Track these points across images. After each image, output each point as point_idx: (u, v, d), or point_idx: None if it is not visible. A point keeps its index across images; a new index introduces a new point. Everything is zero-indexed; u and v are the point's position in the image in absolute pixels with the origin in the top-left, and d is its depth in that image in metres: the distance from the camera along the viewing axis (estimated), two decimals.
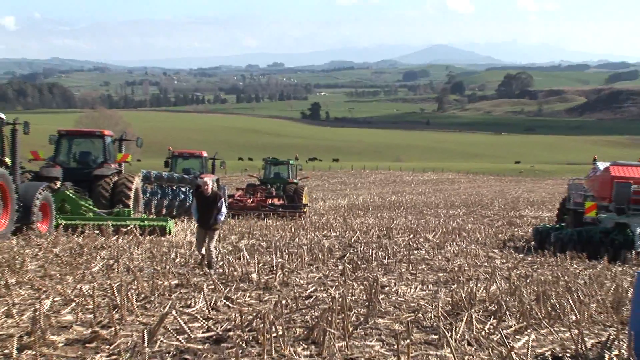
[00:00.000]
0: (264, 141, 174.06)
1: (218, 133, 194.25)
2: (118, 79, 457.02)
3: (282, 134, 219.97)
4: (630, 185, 23.73)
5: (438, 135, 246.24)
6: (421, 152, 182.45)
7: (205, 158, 37.91)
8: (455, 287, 14.85)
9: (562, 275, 17.04)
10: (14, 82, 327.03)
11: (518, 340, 9.94)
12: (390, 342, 9.45)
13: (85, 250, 17.67)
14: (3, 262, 14.93)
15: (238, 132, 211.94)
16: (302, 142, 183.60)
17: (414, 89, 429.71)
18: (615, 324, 11.27)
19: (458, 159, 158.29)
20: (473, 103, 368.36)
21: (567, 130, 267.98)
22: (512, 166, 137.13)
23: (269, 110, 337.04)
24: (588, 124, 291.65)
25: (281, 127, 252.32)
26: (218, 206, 16.40)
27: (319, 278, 15.38)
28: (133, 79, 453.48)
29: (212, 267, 15.66)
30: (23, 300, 11.25)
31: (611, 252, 22.48)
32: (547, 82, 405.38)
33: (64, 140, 28.88)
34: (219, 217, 16.55)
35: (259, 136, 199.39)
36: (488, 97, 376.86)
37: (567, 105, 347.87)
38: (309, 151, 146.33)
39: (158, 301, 11.73)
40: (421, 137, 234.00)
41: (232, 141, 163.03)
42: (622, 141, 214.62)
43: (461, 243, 24.86)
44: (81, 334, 9.25)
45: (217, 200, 16.53)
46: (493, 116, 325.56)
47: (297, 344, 9.14)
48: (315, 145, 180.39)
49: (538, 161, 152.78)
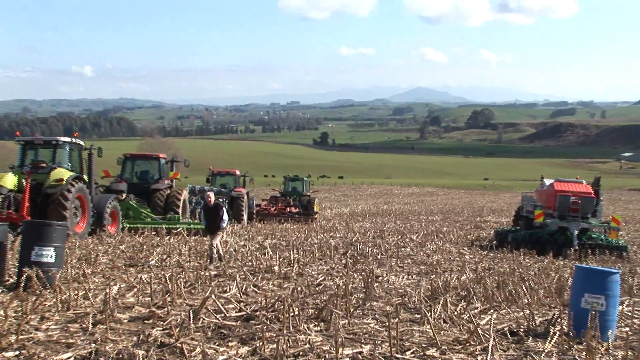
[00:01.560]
0: (283, 162, 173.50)
1: (248, 156, 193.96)
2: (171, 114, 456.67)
3: (298, 156, 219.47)
4: (569, 197, 23.87)
5: (420, 158, 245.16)
6: (407, 171, 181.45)
7: (238, 175, 37.79)
8: (433, 277, 14.84)
9: (517, 268, 17.03)
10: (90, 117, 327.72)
11: (483, 318, 9.94)
12: (383, 320, 9.46)
13: (145, 247, 17.77)
14: (81, 256, 15.05)
15: (263, 155, 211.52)
16: (314, 163, 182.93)
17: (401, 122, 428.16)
18: (558, 306, 11.25)
19: (436, 176, 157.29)
20: (447, 133, 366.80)
21: (520, 154, 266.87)
22: (478, 182, 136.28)
23: (287, 138, 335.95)
24: (536, 149, 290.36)
25: (297, 151, 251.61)
26: (220, 214, 15.92)
27: (326, 270, 15.35)
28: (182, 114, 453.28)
29: (213, 262, 15.26)
30: (96, 286, 11.32)
31: (555, 249, 22.49)
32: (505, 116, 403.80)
33: (129, 161, 29.04)
34: (222, 223, 16.08)
35: (280, 158, 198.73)
36: (459, 128, 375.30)
37: (520, 135, 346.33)
38: (319, 170, 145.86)
39: (200, 287, 11.78)
40: (407, 159, 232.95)
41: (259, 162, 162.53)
42: (563, 163, 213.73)
43: (438, 242, 24.77)
44: (141, 312, 9.33)
45: (219, 209, 16.05)
46: (463, 143, 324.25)
47: (309, 321, 9.16)
48: (324, 165, 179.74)
49: (498, 178, 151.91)
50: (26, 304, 9.07)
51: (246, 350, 7.61)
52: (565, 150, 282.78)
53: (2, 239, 11.05)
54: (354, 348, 7.87)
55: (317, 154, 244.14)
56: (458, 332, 9.15)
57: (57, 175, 20.12)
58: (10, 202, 18.58)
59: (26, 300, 9.29)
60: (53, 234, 11.06)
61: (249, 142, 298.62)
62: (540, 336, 9.09)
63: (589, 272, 9.70)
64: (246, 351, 7.57)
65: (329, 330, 8.68)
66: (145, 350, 7.36)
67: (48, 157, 21.40)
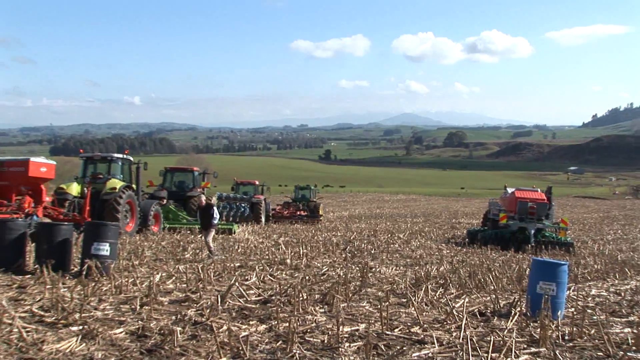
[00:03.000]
0: (294, 174, 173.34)
1: (265, 169, 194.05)
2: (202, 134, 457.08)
3: (306, 169, 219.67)
4: (527, 203, 23.86)
5: (406, 170, 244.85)
6: (395, 181, 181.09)
7: (257, 185, 37.84)
8: (417, 268, 14.81)
9: (485, 260, 17.00)
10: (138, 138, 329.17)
11: (457, 302, 9.94)
12: (376, 304, 9.43)
13: (181, 244, 17.81)
14: (130, 250, 15.06)
15: (278, 168, 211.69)
16: (319, 175, 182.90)
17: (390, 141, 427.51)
18: (518, 291, 11.22)
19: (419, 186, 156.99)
20: (428, 150, 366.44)
21: (487, 167, 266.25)
22: (454, 190, 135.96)
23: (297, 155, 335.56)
24: (501, 164, 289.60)
25: (305, 165, 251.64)
26: (211, 213, 15.47)
27: (329, 262, 15.30)
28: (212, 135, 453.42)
29: (212, 254, 14.86)
30: (142, 274, 11.32)
31: (516, 245, 22.45)
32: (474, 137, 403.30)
33: (168, 173, 29.17)
34: (213, 221, 15.52)
35: (291, 171, 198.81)
36: (438, 147, 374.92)
37: (487, 152, 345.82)
38: (323, 181, 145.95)
39: (226, 276, 11.73)
40: (395, 172, 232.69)
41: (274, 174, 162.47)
42: (522, 175, 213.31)
43: (421, 240, 24.73)
44: (178, 296, 9.32)
45: (210, 209, 15.62)
46: (441, 158, 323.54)
47: (315, 304, 9.15)
48: (328, 177, 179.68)
49: (470, 187, 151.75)
50: (87, 288, 9.10)
51: (264, 327, 7.60)
52: (523, 164, 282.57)
53: (68, 236, 11.09)
54: (352, 326, 7.86)
55: (321, 168, 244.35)
56: (437, 313, 9.13)
57: (111, 184, 20.25)
58: (75, 206, 18.66)
59: (87, 286, 9.31)
60: (108, 232, 11.10)
61: (266, 158, 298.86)
62: (504, 316, 9.08)
63: (543, 263, 9.70)
64: (264, 328, 7.56)
65: (332, 312, 8.67)
66: (182, 327, 7.36)
67: (104, 170, 21.57)
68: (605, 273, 15.92)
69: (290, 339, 6.72)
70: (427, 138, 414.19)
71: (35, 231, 11.27)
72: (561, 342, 7.70)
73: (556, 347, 7.20)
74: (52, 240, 10.89)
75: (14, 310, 7.50)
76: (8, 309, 7.31)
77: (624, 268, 17.02)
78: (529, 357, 6.89)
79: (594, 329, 8.22)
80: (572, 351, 7.31)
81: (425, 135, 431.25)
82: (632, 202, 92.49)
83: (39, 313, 7.67)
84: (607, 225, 42.91)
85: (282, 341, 6.92)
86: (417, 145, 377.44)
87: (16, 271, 10.49)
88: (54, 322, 7.29)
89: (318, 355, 6.54)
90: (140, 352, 6.40)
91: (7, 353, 6.07)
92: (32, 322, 7.27)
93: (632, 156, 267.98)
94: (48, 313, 7.69)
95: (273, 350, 6.60)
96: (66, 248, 10.99)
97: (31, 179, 17.15)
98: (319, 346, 6.89)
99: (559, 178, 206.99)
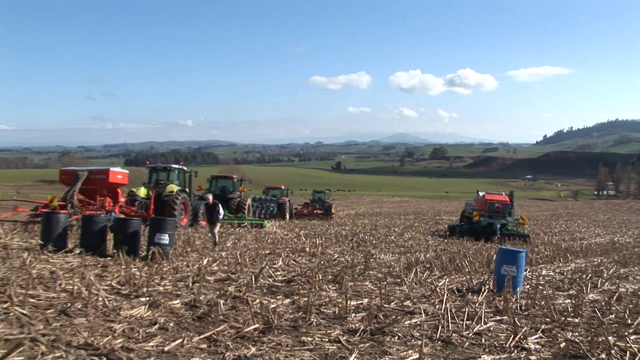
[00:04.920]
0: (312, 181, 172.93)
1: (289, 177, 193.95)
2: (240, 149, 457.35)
3: (321, 177, 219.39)
4: (494, 203, 23.76)
5: (400, 178, 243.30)
6: (392, 187, 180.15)
7: (283, 189, 37.75)
8: (409, 255, 14.79)
9: (461, 249, 16.93)
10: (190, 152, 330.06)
11: (440, 281, 9.88)
12: (376, 283, 9.41)
13: (223, 235, 17.83)
14: (184, 240, 15.10)
15: (299, 176, 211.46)
16: (332, 181, 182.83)
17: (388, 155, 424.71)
18: (487, 273, 11.19)
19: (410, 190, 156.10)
20: (418, 162, 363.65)
21: (464, 176, 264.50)
22: (438, 194, 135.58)
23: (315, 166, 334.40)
24: (474, 173, 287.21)
25: (321, 174, 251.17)
26: (217, 210, 14.32)
27: (340, 250, 15.27)
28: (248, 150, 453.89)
29: (216, 245, 13.94)
30: (193, 259, 11.36)
31: (485, 237, 22.34)
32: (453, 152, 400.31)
33: (214, 180, 29.20)
34: (218, 216, 14.32)
35: (310, 178, 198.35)
36: (425, 159, 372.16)
37: (464, 164, 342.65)
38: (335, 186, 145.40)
39: (259, 260, 11.72)
40: (392, 179, 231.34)
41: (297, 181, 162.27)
42: (490, 182, 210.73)
43: (412, 232, 24.67)
44: (221, 276, 9.30)
45: (216, 206, 14.43)
46: (427, 169, 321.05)
47: (329, 283, 9.12)
48: (339, 183, 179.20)
49: (451, 191, 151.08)
50: (152, 268, 9.16)
51: (288, 301, 7.59)
52: (491, 174, 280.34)
53: (137, 228, 11.16)
54: (357, 300, 7.84)
55: (334, 176, 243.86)
56: (424, 290, 9.09)
57: (170, 188, 20.39)
58: (142, 205, 18.79)
59: (152, 267, 9.38)
60: (168, 226, 11.15)
61: (290, 168, 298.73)
62: (476, 292, 9.04)
63: (506, 251, 9.65)
64: (288, 302, 7.55)
65: (341, 289, 8.63)
66: (224, 300, 7.37)
67: (165, 177, 21.73)
68: (553, 258, 15.96)
69: (308, 310, 6.72)
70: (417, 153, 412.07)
71: (113, 224, 11.35)
72: (519, 311, 7.73)
73: (515, 315, 7.22)
74: (125, 231, 10.96)
75: (99, 284, 7.57)
76: (94, 282, 7.38)
77: (566, 254, 17.20)
78: (494, 323, 6.87)
79: (543, 301, 8.34)
80: (527, 318, 7.35)
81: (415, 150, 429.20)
82: (573, 203, 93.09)
83: (116, 286, 7.74)
84: (554, 220, 42.96)
85: (302, 312, 6.91)
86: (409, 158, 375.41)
87: (100, 254, 10.59)
88: (127, 293, 7.35)
89: (330, 323, 6.53)
90: (192, 318, 6.43)
91: (95, 315, 6.15)
92: (112, 293, 7.34)
93: (573, 167, 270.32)
94: (123, 287, 7.75)
95: (295, 319, 6.60)
96: (136, 237, 11.06)
97: (110, 184, 17.37)
98: (332, 316, 6.88)
99: (518, 184, 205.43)
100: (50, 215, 11.56)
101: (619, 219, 49.07)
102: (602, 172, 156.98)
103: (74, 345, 5.07)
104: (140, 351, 5.11)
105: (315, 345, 5.64)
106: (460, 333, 6.34)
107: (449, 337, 6.14)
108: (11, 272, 8.12)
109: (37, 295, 6.78)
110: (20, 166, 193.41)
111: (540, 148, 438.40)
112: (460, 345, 5.91)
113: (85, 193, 17.03)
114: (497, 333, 6.46)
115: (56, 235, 10.95)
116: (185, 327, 6.07)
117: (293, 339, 5.79)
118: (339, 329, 6.24)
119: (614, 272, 13.38)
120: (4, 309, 5.97)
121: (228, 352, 5.26)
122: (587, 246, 21.95)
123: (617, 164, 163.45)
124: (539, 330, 6.60)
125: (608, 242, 25.62)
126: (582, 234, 30.40)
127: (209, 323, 6.26)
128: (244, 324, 6.19)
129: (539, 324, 7.03)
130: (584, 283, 11.01)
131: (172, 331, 5.87)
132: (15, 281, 7.19)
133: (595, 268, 13.94)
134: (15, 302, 6.15)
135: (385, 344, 5.78)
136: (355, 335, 6.05)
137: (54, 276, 8.02)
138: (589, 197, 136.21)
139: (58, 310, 6.22)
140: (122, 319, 6.11)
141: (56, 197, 16.18)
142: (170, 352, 5.16)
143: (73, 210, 15.39)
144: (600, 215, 54.33)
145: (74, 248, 10.90)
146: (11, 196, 31.01)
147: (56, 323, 5.73)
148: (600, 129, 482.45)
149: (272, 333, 5.95)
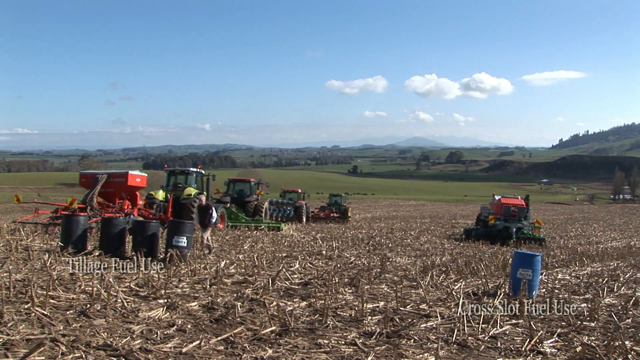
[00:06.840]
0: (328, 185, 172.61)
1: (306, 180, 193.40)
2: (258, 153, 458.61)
3: (338, 181, 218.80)
4: (510, 207, 23.59)
5: (416, 182, 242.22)
6: (408, 190, 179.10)
7: (300, 192, 37.75)
8: (425, 258, 14.70)
9: (477, 252, 16.80)
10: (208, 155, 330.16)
11: (456, 284, 9.82)
12: (392, 286, 9.37)
13: (241, 238, 17.83)
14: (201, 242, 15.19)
15: (316, 180, 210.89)
16: (349, 185, 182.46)
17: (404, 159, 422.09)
18: (503, 276, 11.08)
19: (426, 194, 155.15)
20: (434, 166, 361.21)
21: (480, 180, 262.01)
22: (454, 197, 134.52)
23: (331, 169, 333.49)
24: (490, 177, 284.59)
25: (337, 177, 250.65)
26: (210, 213, 13.07)
27: (356, 253, 15.25)
28: (265, 154, 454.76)
29: (210, 250, 12.80)
30: (211, 262, 11.36)
31: (501, 240, 22.15)
32: (469, 155, 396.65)
33: (231, 183, 29.33)
34: (212, 220, 13.08)
35: (326, 182, 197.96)
36: (441, 163, 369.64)
37: (480, 167, 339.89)
38: (352, 189, 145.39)
39: (276, 263, 11.73)
40: (408, 183, 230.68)
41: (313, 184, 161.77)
42: (506, 186, 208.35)
43: (428, 236, 24.53)
44: (238, 279, 9.30)
45: (209, 209, 13.20)
46: (444, 172, 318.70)
47: (345, 286, 9.09)
48: (355, 186, 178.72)
49: (466, 195, 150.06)
50: (170, 271, 9.20)
51: (304, 304, 7.56)
52: (507, 177, 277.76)
53: (156, 231, 11.22)
54: (373, 303, 7.80)
55: (350, 179, 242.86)
56: (440, 293, 9.03)
57: (187, 191, 20.44)
58: (161, 208, 18.90)
59: (170, 269, 9.42)
60: (185, 228, 11.19)
61: (307, 172, 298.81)
62: (492, 295, 8.95)
63: (522, 255, 9.55)
64: (304, 304, 7.52)
65: (358, 292, 8.60)
66: (241, 302, 7.37)
67: (183, 180, 21.79)
68: (569, 261, 15.80)
69: (325, 313, 6.69)
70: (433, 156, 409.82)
71: (132, 227, 11.43)
72: (535, 315, 7.63)
73: (531, 319, 7.13)
74: (144, 233, 11.03)
75: (118, 286, 7.62)
76: (114, 284, 7.43)
77: (582, 258, 17.01)
78: (510, 327, 6.80)
79: (559, 305, 8.19)
80: (543, 322, 7.29)
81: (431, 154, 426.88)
82: (589, 207, 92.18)
83: (135, 288, 7.77)
84: (570, 224, 42.56)
85: (318, 314, 6.88)
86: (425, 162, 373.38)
87: (119, 256, 10.68)
88: (146, 295, 7.38)
89: (347, 326, 6.49)
90: (209, 320, 6.43)
91: (114, 317, 6.18)
92: (130, 295, 7.37)
93: (589, 171, 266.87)
94: (141, 289, 7.78)
95: (312, 322, 6.57)
96: (154, 240, 11.12)
97: (129, 187, 17.52)
98: (348, 319, 6.84)
99: (534, 188, 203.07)
100: (70, 217, 11.69)
101: (635, 223, 48.39)
102: (618, 176, 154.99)
103: (93, 346, 5.10)
104: (159, 352, 5.13)
105: (331, 347, 5.60)
106: (476, 336, 6.27)
107: (465, 341, 6.08)
108: (32, 273, 8.22)
109: (58, 296, 6.85)
110: (41, 169, 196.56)
111: (556, 152, 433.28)
112: (476, 349, 5.85)
113: (105, 196, 17.20)
114: (512, 337, 6.39)
115: (76, 237, 11.07)
116: (203, 329, 6.07)
117: (309, 342, 5.76)
118: (355, 332, 6.20)
119: (630, 276, 13.18)
120: (25, 309, 6.05)
121: (245, 354, 5.25)
122: (603, 250, 21.64)
123: (634, 167, 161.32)
124: (555, 334, 6.52)
125: (624, 246, 25.24)
126: (598, 238, 30.00)
127: (226, 325, 6.26)
128: (261, 326, 6.18)
129: (554, 327, 6.94)
130: (600, 287, 10.85)
131: (190, 333, 5.88)
132: (36, 282, 7.28)
133: (612, 272, 13.74)
134: (36, 303, 6.21)
135: (401, 347, 5.73)
136: (371, 338, 6.01)
137: (74, 278, 8.10)
138: (605, 200, 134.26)
139: (78, 311, 6.27)
140: (140, 321, 6.14)
141: (76, 200, 16.38)
142: (188, 353, 5.17)
143: (92, 212, 15.56)
144: (617, 219, 53.63)
145: (93, 250, 11.02)
146: (32, 199, 31.38)
147: (76, 324, 5.78)
148: (617, 132, 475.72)
149: (289, 335, 5.92)
